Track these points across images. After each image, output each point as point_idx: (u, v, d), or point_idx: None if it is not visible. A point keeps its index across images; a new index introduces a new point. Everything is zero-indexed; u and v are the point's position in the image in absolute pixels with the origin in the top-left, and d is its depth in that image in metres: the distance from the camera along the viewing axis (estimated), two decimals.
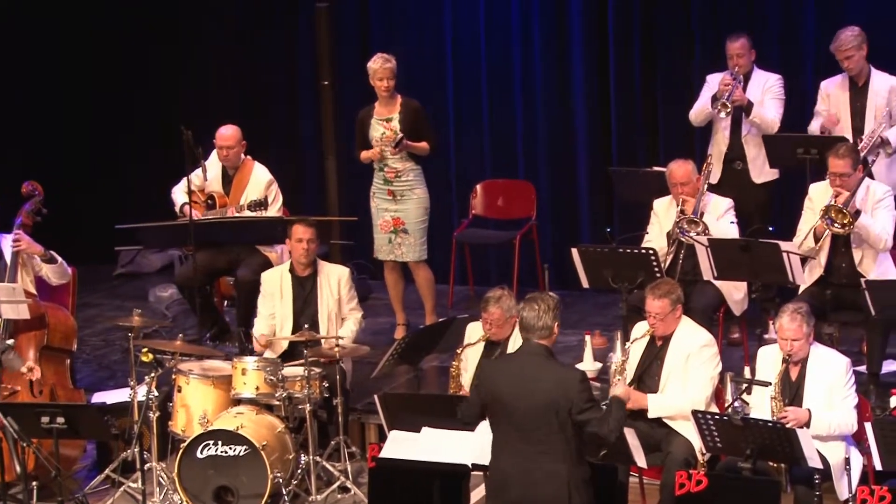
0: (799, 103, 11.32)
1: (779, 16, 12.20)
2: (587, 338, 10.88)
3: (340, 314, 10.28)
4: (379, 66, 11.14)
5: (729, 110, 11.00)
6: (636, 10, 12.58)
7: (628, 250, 10.16)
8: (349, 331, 10.22)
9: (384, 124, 11.20)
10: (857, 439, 8.85)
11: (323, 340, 9.89)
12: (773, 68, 11.37)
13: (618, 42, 12.64)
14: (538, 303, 7.80)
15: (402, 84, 11.26)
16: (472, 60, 13.11)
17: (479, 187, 12.75)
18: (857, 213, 9.84)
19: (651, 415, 9.11)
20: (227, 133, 11.22)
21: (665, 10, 12.51)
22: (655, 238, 10.49)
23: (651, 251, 10.04)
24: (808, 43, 12.08)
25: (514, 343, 9.22)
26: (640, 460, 8.56)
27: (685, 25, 12.45)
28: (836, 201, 9.86)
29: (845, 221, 9.81)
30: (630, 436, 8.48)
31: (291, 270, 10.35)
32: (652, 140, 12.65)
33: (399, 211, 11.29)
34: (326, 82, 12.57)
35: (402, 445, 8.60)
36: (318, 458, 9.71)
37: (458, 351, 9.57)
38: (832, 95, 10.93)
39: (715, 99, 11.03)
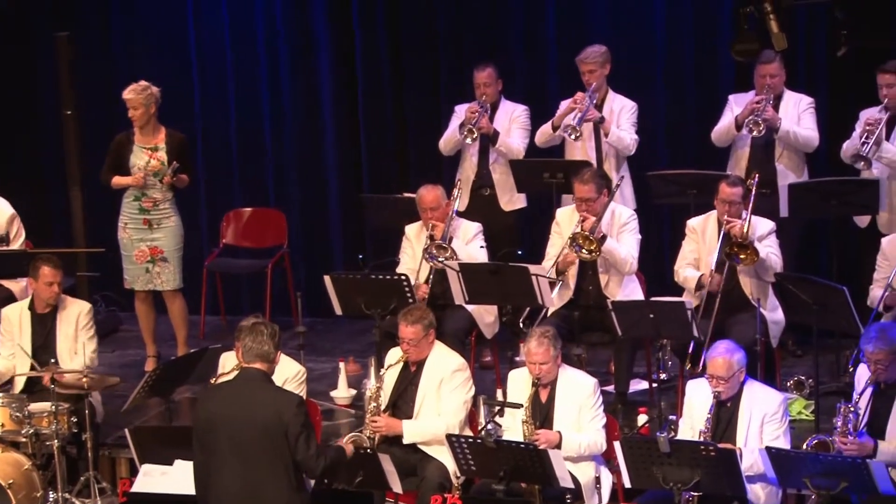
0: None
1: (522, 46, 12.41)
2: (341, 365, 10.87)
3: (76, 349, 10.06)
4: (126, 94, 11.00)
5: (475, 136, 11.15)
6: (383, 39, 12.66)
7: (381, 277, 10.19)
8: (80, 365, 9.99)
9: (149, 153, 11.03)
10: (607, 458, 9.03)
11: (68, 373, 9.68)
12: (519, 98, 11.58)
13: (366, 69, 12.70)
14: (263, 328, 7.78)
15: None
16: (218, 86, 13.02)
17: (229, 216, 12.65)
18: (604, 238, 10.06)
19: (406, 440, 9.15)
20: None
21: (411, 39, 12.61)
22: (408, 263, 10.55)
23: (403, 277, 10.08)
24: (552, 72, 12.32)
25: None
26: (396, 486, 8.58)
27: (433, 52, 12.58)
28: (582, 227, 10.06)
29: (592, 248, 10.01)
30: (385, 462, 8.50)
31: (31, 307, 10.11)
32: (402, 166, 12.74)
33: (156, 240, 11.13)
34: (69, 112, 12.32)
35: (154, 479, 8.46)
36: (67, 495, 9.51)
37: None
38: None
39: (462, 125, 11.17)
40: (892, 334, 8.58)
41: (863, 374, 8.76)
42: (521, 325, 10.23)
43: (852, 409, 8.52)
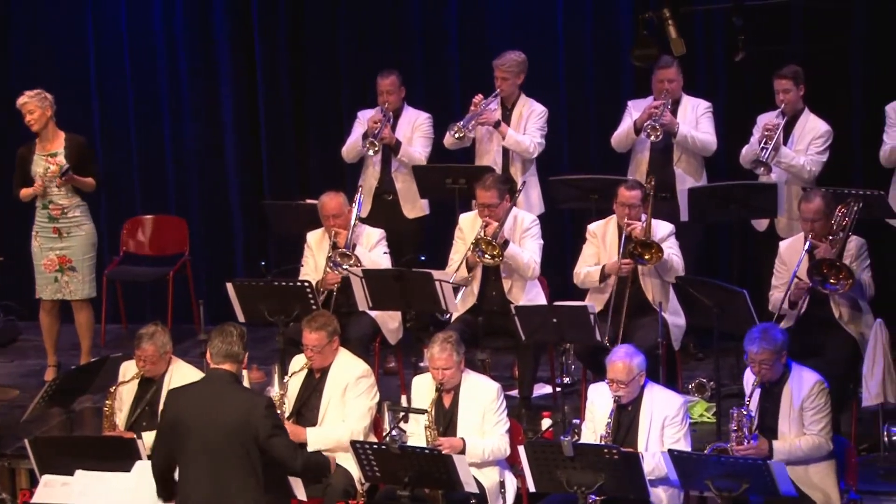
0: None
1: (423, 51, 12.42)
2: (244, 372, 10.73)
3: None
4: (21, 101, 10.92)
5: (377, 148, 11.15)
6: (283, 44, 12.62)
7: (283, 283, 10.16)
8: None
9: (48, 159, 10.94)
10: (511, 462, 9.06)
11: None
12: (420, 103, 11.58)
13: (266, 75, 12.66)
14: (232, 329, 7.83)
15: None
16: (117, 94, 12.91)
17: (129, 223, 12.55)
18: (506, 243, 10.09)
19: (311, 448, 9.12)
20: None
21: (312, 45, 12.58)
22: (310, 270, 10.52)
23: (306, 283, 10.06)
24: (454, 78, 12.34)
25: (171, 379, 9.11)
26: (300, 493, 8.54)
27: (333, 58, 12.55)
28: (485, 232, 10.09)
29: (495, 253, 10.04)
30: None
31: None
32: (303, 172, 12.70)
33: (65, 248, 11.03)
34: None
35: (55, 490, 8.39)
36: None
37: (112, 390, 9.37)
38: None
39: (365, 136, 11.16)
40: (774, 333, 8.68)
41: (750, 377, 8.85)
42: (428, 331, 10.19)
43: (745, 413, 8.60)
